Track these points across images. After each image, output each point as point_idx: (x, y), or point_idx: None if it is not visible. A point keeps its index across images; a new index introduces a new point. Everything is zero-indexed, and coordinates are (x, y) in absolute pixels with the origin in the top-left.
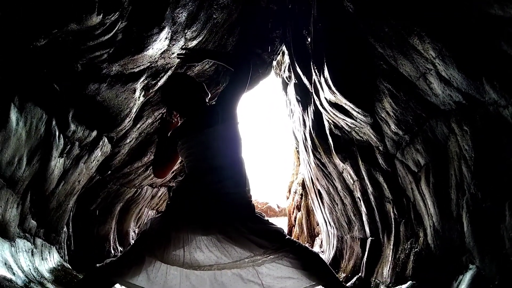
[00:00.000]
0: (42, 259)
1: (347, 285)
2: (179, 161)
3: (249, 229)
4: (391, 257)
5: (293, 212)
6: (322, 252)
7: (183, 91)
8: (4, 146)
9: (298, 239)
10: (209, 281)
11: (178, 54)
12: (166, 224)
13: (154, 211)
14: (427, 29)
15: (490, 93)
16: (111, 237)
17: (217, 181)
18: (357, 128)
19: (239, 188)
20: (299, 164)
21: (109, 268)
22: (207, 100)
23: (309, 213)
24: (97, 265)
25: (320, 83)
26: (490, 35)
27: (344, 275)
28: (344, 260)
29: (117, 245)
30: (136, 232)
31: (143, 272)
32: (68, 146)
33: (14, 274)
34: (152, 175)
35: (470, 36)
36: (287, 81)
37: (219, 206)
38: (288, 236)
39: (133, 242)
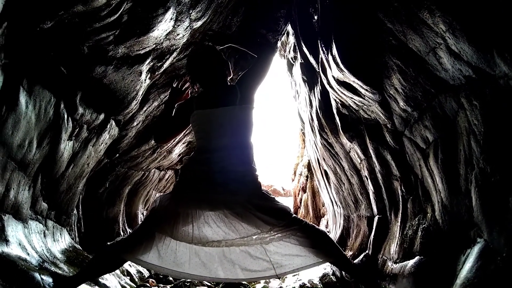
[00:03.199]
0: (54, 240)
1: (354, 261)
2: (183, 132)
3: (255, 206)
4: (399, 234)
5: (298, 194)
6: (328, 232)
7: (210, 62)
8: (15, 129)
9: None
10: (218, 258)
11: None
12: (175, 200)
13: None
14: (438, 2)
15: (501, 66)
16: (120, 219)
17: (225, 158)
18: (365, 106)
19: (245, 165)
20: (304, 146)
21: (119, 245)
22: (228, 79)
23: (314, 194)
24: (108, 243)
25: (328, 61)
26: (501, 5)
27: (351, 253)
28: (350, 239)
29: (126, 227)
30: (145, 214)
31: (153, 249)
32: (77, 129)
33: (28, 254)
34: (159, 158)
35: (481, 8)
36: (292, 61)
37: (225, 182)
38: (294, 215)
39: (143, 220)
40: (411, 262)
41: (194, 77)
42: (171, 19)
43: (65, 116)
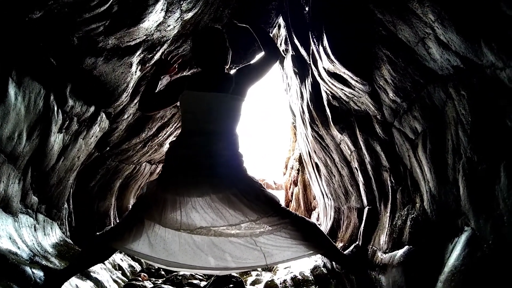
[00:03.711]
0: (44, 234)
1: (345, 252)
2: (168, 108)
3: (241, 190)
4: (388, 224)
5: (290, 187)
6: (319, 224)
7: (215, 44)
8: (4, 121)
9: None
10: (207, 247)
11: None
12: (161, 186)
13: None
14: None
15: (488, 55)
16: (111, 213)
17: (211, 143)
18: (355, 97)
19: (231, 150)
20: (296, 140)
21: (108, 234)
22: (225, 67)
23: (305, 188)
24: (97, 233)
25: (319, 53)
26: None
27: (342, 244)
28: (341, 230)
29: (117, 221)
30: None
31: (143, 236)
32: (67, 122)
33: (19, 248)
34: (150, 151)
35: None
36: (283, 54)
37: (212, 166)
38: (283, 206)
39: (131, 207)
40: (400, 252)
41: (195, 55)
42: (161, 10)
43: (55, 108)
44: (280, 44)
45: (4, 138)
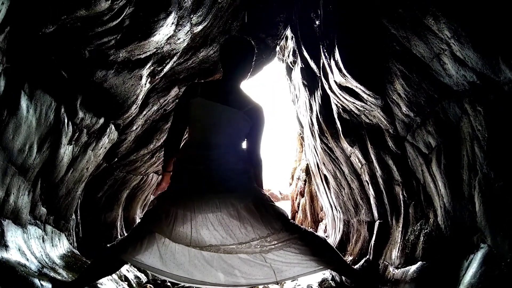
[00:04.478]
0: (52, 245)
1: (355, 267)
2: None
3: (251, 204)
4: (400, 239)
5: (296, 198)
6: (326, 236)
7: (242, 55)
8: (16, 133)
9: (301, 225)
10: (217, 263)
11: None
12: (172, 200)
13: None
14: (443, 9)
15: (506, 72)
16: (118, 224)
17: (222, 156)
18: (366, 111)
19: (242, 164)
20: (302, 150)
21: (119, 245)
22: (241, 82)
23: (312, 199)
24: (107, 245)
25: (330, 66)
26: (508, 13)
27: (351, 258)
28: (350, 244)
29: (124, 232)
30: None
31: (154, 249)
32: (77, 134)
33: (27, 259)
34: (158, 162)
35: (487, 15)
36: (291, 66)
37: (223, 180)
38: (292, 221)
39: (140, 219)
40: (413, 268)
41: (221, 57)
42: (172, 23)
43: (66, 120)
44: (288, 55)
45: (16, 151)
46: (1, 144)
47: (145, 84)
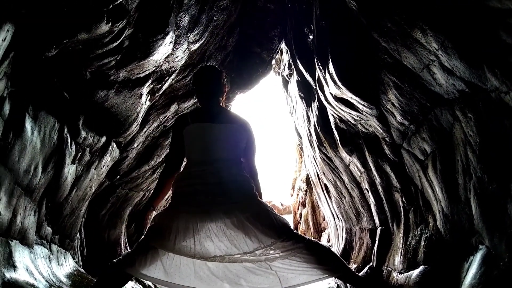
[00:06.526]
0: (58, 264)
1: (359, 274)
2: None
3: (255, 215)
4: (402, 245)
5: (298, 209)
6: (330, 246)
7: (212, 80)
8: (21, 155)
9: (305, 235)
10: (222, 272)
11: None
12: (173, 216)
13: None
14: (429, 22)
15: (492, 80)
16: (122, 241)
17: (222, 170)
18: (363, 121)
19: (242, 176)
20: (302, 161)
21: (124, 259)
22: (222, 101)
23: (314, 209)
24: (114, 260)
25: (325, 79)
26: (489, 26)
27: (355, 265)
28: (354, 252)
29: (128, 249)
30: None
31: (158, 263)
32: (80, 153)
33: (35, 279)
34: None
35: (471, 28)
36: (287, 78)
37: (224, 192)
38: (295, 231)
39: (143, 236)
40: (416, 272)
41: (196, 90)
42: (170, 42)
43: (69, 140)
44: (284, 68)
45: (21, 172)
46: (7, 166)
47: (145, 102)
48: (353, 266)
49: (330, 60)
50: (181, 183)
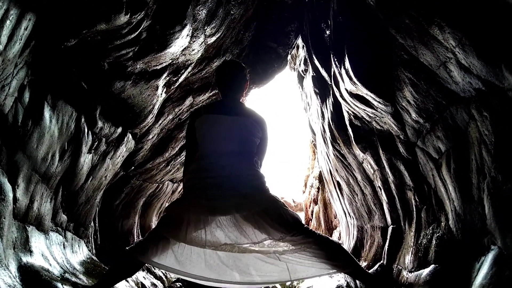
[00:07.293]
0: (72, 252)
1: (369, 272)
2: None
3: (265, 210)
4: (413, 243)
5: (309, 206)
6: (341, 243)
7: (233, 75)
8: (39, 143)
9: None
10: (232, 261)
11: None
12: (184, 207)
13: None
14: (447, 19)
15: (509, 79)
16: (135, 231)
17: (233, 163)
18: (377, 118)
19: (253, 170)
20: (315, 158)
21: (136, 247)
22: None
23: (326, 206)
24: (127, 248)
25: (341, 75)
26: (508, 23)
27: (366, 263)
28: (364, 249)
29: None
30: None
31: (169, 252)
32: (96, 143)
33: (50, 264)
34: (173, 170)
35: (488, 25)
36: (302, 74)
37: (235, 186)
38: (306, 225)
39: (155, 225)
40: (426, 271)
41: (218, 83)
42: (187, 35)
43: (86, 130)
44: (299, 64)
45: (39, 159)
46: (26, 152)
47: (161, 94)
48: (363, 264)
49: (346, 55)
50: (192, 176)
